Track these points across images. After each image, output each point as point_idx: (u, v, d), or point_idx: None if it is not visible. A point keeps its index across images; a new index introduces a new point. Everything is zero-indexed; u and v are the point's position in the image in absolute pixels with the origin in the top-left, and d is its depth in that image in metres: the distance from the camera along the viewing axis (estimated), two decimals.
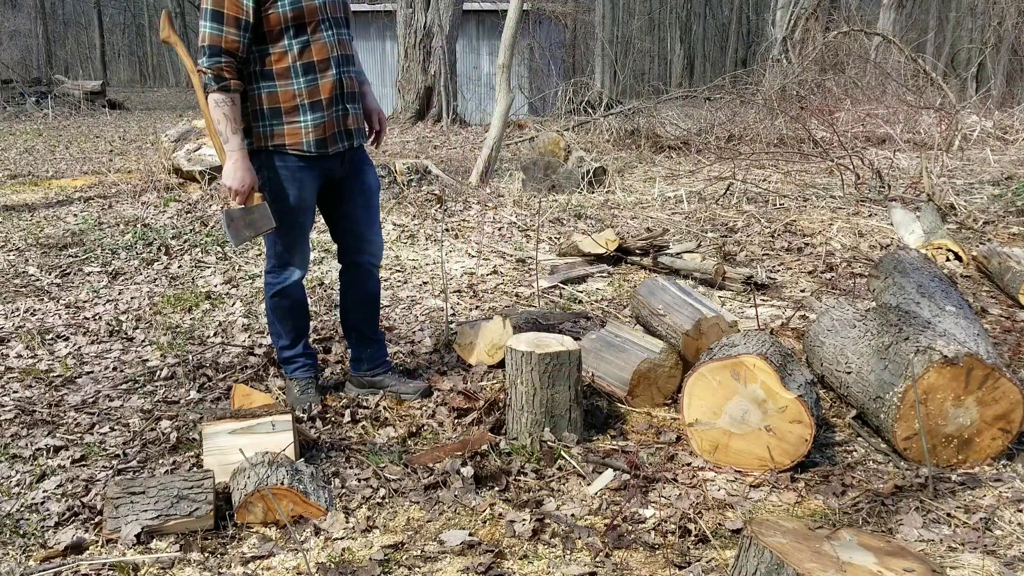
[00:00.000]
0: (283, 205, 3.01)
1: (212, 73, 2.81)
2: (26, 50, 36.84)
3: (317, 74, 2.95)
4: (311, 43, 2.92)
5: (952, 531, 2.38)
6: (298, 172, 3.01)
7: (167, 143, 7.83)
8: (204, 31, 2.81)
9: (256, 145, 2.98)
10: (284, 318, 3.24)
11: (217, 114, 2.86)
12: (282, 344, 3.29)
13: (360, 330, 3.40)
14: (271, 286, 3.18)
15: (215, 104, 2.85)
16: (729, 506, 2.54)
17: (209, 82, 2.82)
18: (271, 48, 2.89)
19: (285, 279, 3.15)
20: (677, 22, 37.91)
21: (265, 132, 2.96)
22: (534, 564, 2.26)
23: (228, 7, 2.78)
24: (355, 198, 3.20)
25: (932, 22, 23.31)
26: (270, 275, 3.18)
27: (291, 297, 3.20)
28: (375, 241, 3.30)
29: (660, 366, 3.28)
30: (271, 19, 2.85)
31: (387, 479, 2.70)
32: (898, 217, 6.08)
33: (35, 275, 5.19)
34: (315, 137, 2.97)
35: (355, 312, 3.38)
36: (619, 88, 23.74)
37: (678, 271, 5.08)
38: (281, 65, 2.91)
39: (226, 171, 2.91)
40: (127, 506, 2.39)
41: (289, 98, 2.93)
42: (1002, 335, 3.97)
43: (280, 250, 3.12)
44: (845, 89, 12.84)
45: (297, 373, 3.30)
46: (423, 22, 15.88)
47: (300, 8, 2.87)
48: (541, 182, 8.15)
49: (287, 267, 3.14)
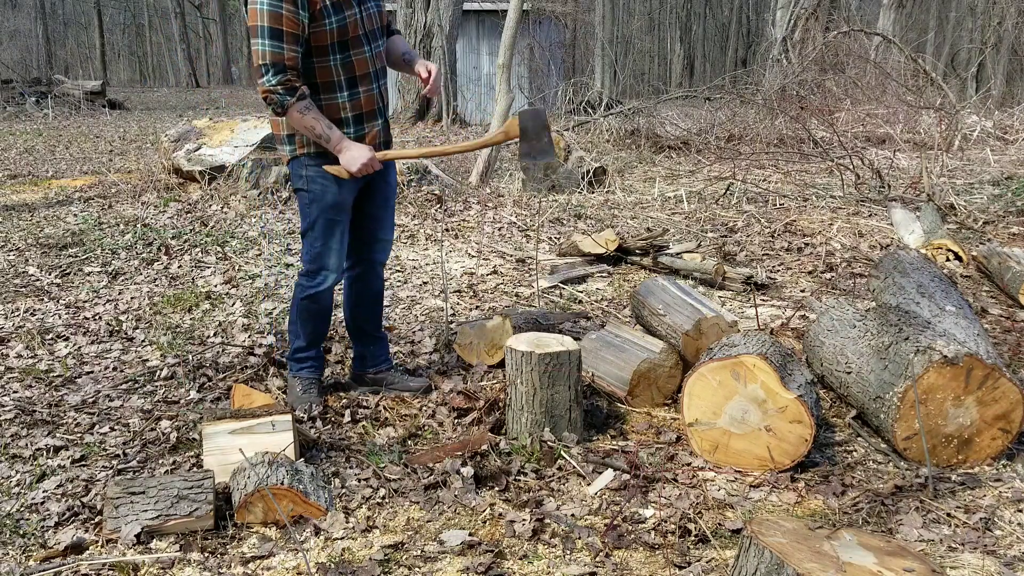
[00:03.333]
0: (324, 206, 3.06)
1: (284, 88, 2.84)
2: (26, 50, 36.86)
3: (359, 88, 3.03)
4: (353, 58, 2.99)
5: (952, 531, 2.38)
6: None
7: (167, 143, 7.83)
8: (263, 49, 2.81)
9: (297, 151, 3.03)
10: (308, 321, 3.25)
11: (307, 123, 2.91)
12: (298, 344, 3.30)
13: (364, 328, 3.43)
14: (304, 288, 3.19)
15: (300, 115, 2.89)
16: (729, 506, 2.54)
17: (284, 98, 2.85)
18: (316, 63, 2.94)
19: (319, 284, 3.16)
20: (677, 22, 37.90)
21: (309, 140, 3.00)
22: (534, 564, 2.26)
23: (287, 24, 2.80)
24: (376, 197, 3.24)
25: (932, 22, 23.31)
26: (304, 278, 3.19)
27: (321, 303, 3.22)
28: (387, 240, 3.36)
29: (660, 366, 3.28)
30: (319, 36, 2.89)
31: (387, 479, 2.70)
32: (898, 217, 6.08)
33: (35, 275, 5.19)
34: None
35: (360, 310, 3.40)
36: (619, 88, 23.74)
37: (678, 271, 5.08)
38: (326, 79, 2.96)
39: (346, 162, 2.96)
40: (127, 506, 2.39)
41: (334, 111, 2.99)
42: (1002, 335, 3.97)
43: (317, 252, 3.13)
44: (845, 89, 12.84)
45: (303, 372, 3.31)
46: (423, 22, 15.88)
47: (345, 25, 2.93)
48: (541, 182, 8.15)
49: (322, 271, 3.14)
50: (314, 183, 3.04)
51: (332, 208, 3.06)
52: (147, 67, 48.37)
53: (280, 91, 2.83)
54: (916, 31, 21.10)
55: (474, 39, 18.77)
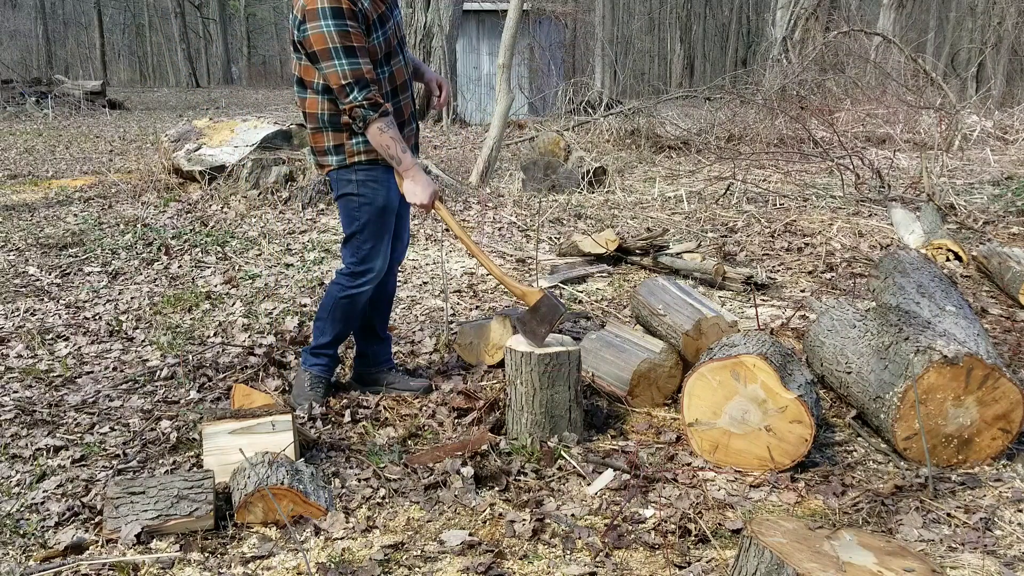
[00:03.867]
0: (375, 209, 3.10)
1: (369, 103, 2.87)
2: (26, 50, 36.85)
3: (400, 97, 3.11)
4: (393, 69, 3.07)
5: (952, 531, 2.38)
6: (387, 176, 3.09)
7: (167, 143, 7.83)
8: (342, 69, 2.83)
9: (348, 161, 3.06)
10: (340, 320, 3.27)
11: (384, 140, 2.94)
12: (322, 341, 3.30)
13: (373, 326, 3.44)
14: (344, 288, 3.20)
15: (379, 132, 2.92)
16: (729, 506, 2.54)
17: (368, 112, 2.88)
18: None
19: (363, 284, 3.18)
20: (677, 22, 37.87)
21: (358, 148, 3.04)
22: (534, 564, 2.26)
23: (356, 40, 2.85)
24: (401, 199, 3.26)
25: (932, 22, 23.31)
26: (347, 277, 3.20)
27: (358, 304, 3.24)
28: (406, 239, 3.43)
29: (660, 366, 3.28)
30: (371, 51, 2.94)
31: (387, 479, 2.70)
32: (898, 217, 6.08)
33: (35, 275, 5.19)
34: None
35: (373, 308, 3.41)
36: (619, 88, 23.73)
37: (678, 271, 5.07)
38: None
39: (408, 190, 3.01)
40: (127, 506, 2.39)
41: None
42: (1002, 335, 3.97)
43: (366, 253, 3.15)
44: (845, 89, 12.84)
45: (315, 369, 3.33)
46: (423, 22, 15.88)
47: (388, 38, 3.01)
48: (541, 182, 8.15)
49: (368, 272, 3.17)
50: (365, 187, 3.08)
51: (383, 210, 3.12)
52: (147, 67, 48.36)
53: (366, 106, 2.86)
54: (916, 31, 21.10)
55: (474, 39, 18.77)
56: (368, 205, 3.10)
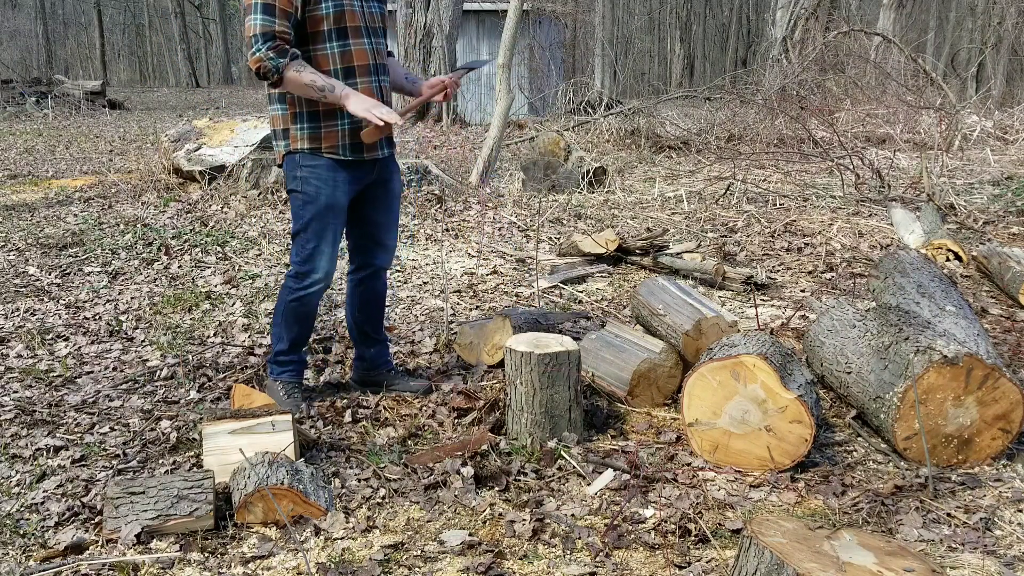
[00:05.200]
0: (317, 207, 3.04)
1: (275, 52, 2.81)
2: (26, 50, 36.86)
3: (356, 79, 2.99)
4: (352, 48, 2.97)
5: (952, 531, 2.38)
6: (332, 172, 3.03)
7: (167, 143, 7.83)
8: (254, 23, 2.79)
9: (292, 147, 3.01)
10: (293, 324, 3.23)
11: (305, 80, 2.85)
12: (280, 348, 3.27)
13: (365, 330, 3.43)
14: (291, 291, 3.16)
15: (297, 74, 2.83)
16: (729, 506, 2.54)
17: (276, 61, 2.80)
18: (313, 51, 2.93)
19: (309, 287, 3.13)
20: (677, 22, 37.88)
21: (302, 135, 2.98)
22: (534, 564, 2.26)
23: (280, 2, 2.80)
24: (379, 202, 3.23)
25: (932, 22, 23.31)
26: (293, 279, 3.15)
27: (308, 306, 3.19)
28: (390, 246, 3.35)
29: (660, 366, 3.28)
30: (315, 20, 2.88)
31: (387, 479, 2.70)
32: (898, 217, 6.08)
33: (35, 275, 5.19)
34: (351, 141, 3.01)
35: (362, 313, 3.40)
36: (619, 88, 23.74)
37: (678, 271, 5.08)
38: (322, 68, 2.94)
39: (354, 109, 2.87)
40: (127, 506, 2.39)
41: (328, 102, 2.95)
42: (1002, 335, 3.97)
43: (309, 253, 3.09)
44: (845, 89, 12.84)
45: (284, 376, 3.29)
46: (423, 22, 15.88)
47: (342, 11, 2.91)
48: (541, 182, 8.15)
49: (312, 273, 3.11)
50: (308, 184, 3.02)
51: (326, 209, 3.04)
52: (147, 67, 48.37)
53: (271, 55, 2.79)
54: (916, 31, 21.10)
55: (474, 39, 18.78)
56: (311, 203, 3.03)
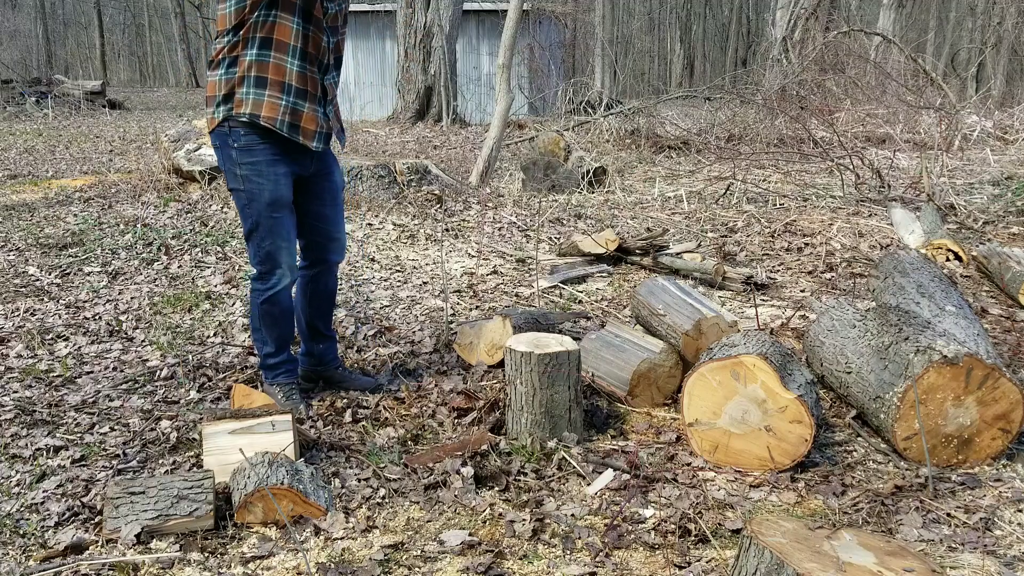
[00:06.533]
0: (262, 204, 3.00)
1: None
2: (26, 50, 36.85)
3: (307, 64, 2.98)
4: (311, 33, 2.96)
5: (952, 531, 2.38)
6: (272, 168, 3.00)
7: (167, 143, 7.83)
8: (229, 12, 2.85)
9: (234, 111, 2.94)
10: (272, 326, 3.20)
11: None
12: (267, 351, 3.25)
13: (316, 326, 3.41)
14: (260, 293, 3.13)
15: None
16: (729, 506, 2.54)
17: None
18: (279, 17, 2.88)
19: (275, 285, 3.11)
20: (677, 22, 37.89)
21: (246, 99, 2.93)
22: (534, 564, 2.26)
23: None
24: (323, 196, 3.22)
25: (932, 22, 23.32)
26: (257, 282, 3.13)
27: (280, 304, 3.16)
28: (341, 240, 3.33)
29: (660, 366, 3.28)
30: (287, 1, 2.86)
31: (387, 479, 2.70)
32: (898, 217, 6.08)
33: (35, 275, 5.19)
34: (290, 121, 2.97)
35: (313, 308, 3.38)
36: (619, 88, 23.75)
37: (678, 271, 5.08)
38: (283, 38, 2.90)
39: None
40: (127, 506, 2.39)
41: (279, 73, 2.92)
42: (1002, 335, 3.97)
43: (267, 252, 3.07)
44: (845, 89, 12.85)
45: (280, 379, 3.28)
46: (423, 22, 15.88)
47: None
48: (541, 182, 8.15)
49: (275, 270, 3.09)
50: (249, 182, 2.99)
51: (271, 205, 3.01)
52: (147, 67, 48.36)
53: None
54: (916, 31, 21.11)
55: (474, 39, 18.77)
56: (256, 200, 3.00)
